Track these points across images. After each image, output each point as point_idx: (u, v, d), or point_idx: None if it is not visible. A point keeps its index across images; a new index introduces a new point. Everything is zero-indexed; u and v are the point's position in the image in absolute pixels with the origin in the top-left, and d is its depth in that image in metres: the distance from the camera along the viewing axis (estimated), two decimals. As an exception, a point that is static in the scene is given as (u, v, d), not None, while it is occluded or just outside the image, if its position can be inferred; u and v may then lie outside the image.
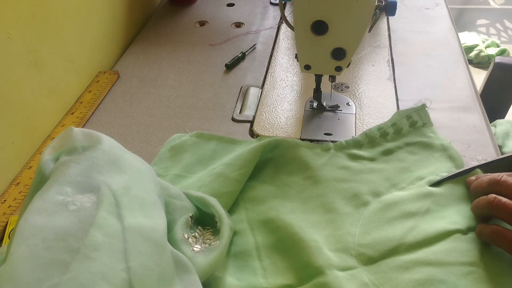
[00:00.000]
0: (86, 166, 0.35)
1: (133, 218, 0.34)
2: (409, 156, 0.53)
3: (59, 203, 0.32)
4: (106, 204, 0.33)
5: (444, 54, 0.74)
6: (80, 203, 0.32)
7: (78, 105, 0.68)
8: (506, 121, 0.84)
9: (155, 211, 0.36)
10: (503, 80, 0.94)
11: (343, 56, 0.53)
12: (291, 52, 0.78)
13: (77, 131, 0.38)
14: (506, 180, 0.40)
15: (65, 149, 0.37)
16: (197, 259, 0.38)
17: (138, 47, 0.83)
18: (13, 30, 0.55)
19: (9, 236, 0.48)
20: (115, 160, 0.37)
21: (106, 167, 0.36)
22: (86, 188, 0.34)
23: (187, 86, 0.72)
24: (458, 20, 2.12)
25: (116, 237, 0.32)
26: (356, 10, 0.48)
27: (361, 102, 0.65)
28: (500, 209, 0.40)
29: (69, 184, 0.34)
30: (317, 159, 0.54)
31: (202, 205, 0.45)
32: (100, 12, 0.77)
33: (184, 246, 0.39)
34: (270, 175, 0.53)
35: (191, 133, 0.60)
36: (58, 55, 0.65)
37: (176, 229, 0.40)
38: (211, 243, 0.41)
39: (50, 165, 0.37)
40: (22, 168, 0.57)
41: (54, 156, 0.37)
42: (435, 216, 0.45)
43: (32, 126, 0.60)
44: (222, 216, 0.43)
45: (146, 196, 0.37)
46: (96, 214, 0.32)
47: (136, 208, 0.35)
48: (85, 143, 0.37)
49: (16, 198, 0.53)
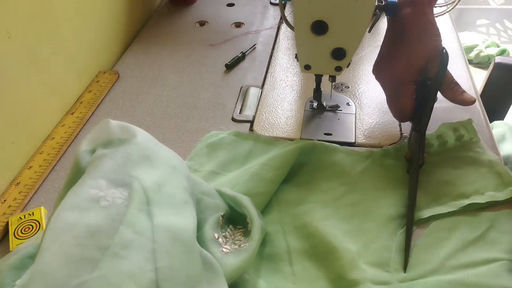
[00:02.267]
0: (121, 161, 0.35)
1: (163, 216, 0.33)
2: (453, 170, 0.50)
3: (92, 198, 0.32)
4: (137, 201, 0.33)
5: (444, 54, 0.74)
6: (112, 198, 0.32)
7: (78, 105, 0.68)
8: (503, 123, 0.83)
9: (186, 209, 0.36)
10: (503, 80, 0.94)
11: (343, 56, 0.53)
12: (291, 52, 0.78)
13: (114, 123, 0.38)
14: None
15: (102, 141, 0.37)
16: (226, 261, 0.37)
17: (138, 47, 0.83)
18: (13, 30, 0.55)
19: (14, 234, 0.48)
20: (149, 155, 0.37)
21: (139, 163, 0.36)
22: (119, 183, 0.34)
23: (187, 86, 0.72)
24: (458, 20, 2.11)
25: (146, 235, 0.32)
26: (356, 10, 0.48)
27: (361, 102, 0.65)
28: None
29: (103, 178, 0.34)
30: (356, 165, 0.52)
31: (235, 204, 0.44)
32: (100, 12, 0.77)
33: (214, 247, 0.39)
34: (305, 179, 0.52)
35: (229, 131, 0.60)
36: (58, 55, 0.65)
37: (206, 228, 0.39)
38: (241, 244, 0.40)
39: (87, 157, 0.37)
40: (22, 168, 0.57)
41: (91, 148, 0.37)
42: (487, 242, 0.43)
43: (32, 126, 0.60)
44: (254, 217, 0.42)
45: (177, 194, 0.36)
46: (127, 211, 0.32)
47: (167, 206, 0.34)
48: (121, 136, 0.37)
49: (16, 198, 0.53)
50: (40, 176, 0.56)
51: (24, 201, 0.53)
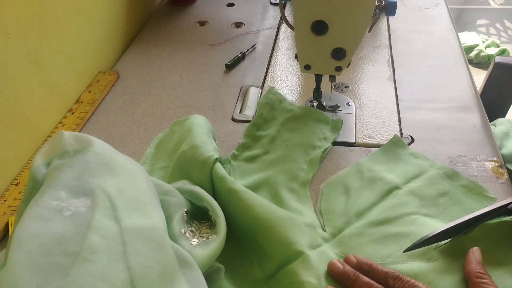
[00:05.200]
0: (79, 170, 0.35)
1: (130, 219, 0.34)
2: (289, 133, 0.57)
3: (54, 208, 0.32)
4: (101, 207, 0.33)
5: (444, 54, 0.74)
6: (75, 207, 0.33)
7: (78, 105, 0.68)
8: (506, 121, 0.83)
9: (151, 210, 0.36)
10: (503, 80, 0.94)
11: (343, 56, 0.53)
12: (291, 52, 0.78)
13: (67, 134, 0.38)
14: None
15: (57, 153, 0.37)
16: (195, 252, 0.38)
17: (138, 47, 0.83)
18: (13, 30, 0.55)
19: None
20: (107, 162, 0.37)
21: (98, 170, 0.36)
22: (80, 192, 0.34)
23: (187, 86, 0.72)
24: (458, 20, 2.11)
25: (114, 239, 0.32)
26: (356, 10, 0.48)
27: (361, 102, 0.65)
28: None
29: (63, 188, 0.34)
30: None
31: (194, 198, 0.45)
32: (100, 12, 0.77)
33: (182, 241, 0.39)
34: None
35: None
36: (58, 55, 0.65)
37: (173, 225, 0.40)
38: (208, 237, 0.41)
39: (43, 170, 0.37)
40: (22, 168, 0.57)
41: (46, 161, 0.37)
42: (375, 182, 0.51)
43: (32, 126, 0.60)
44: (216, 209, 0.43)
45: (140, 196, 0.37)
46: (93, 217, 0.32)
47: (132, 209, 0.35)
48: (76, 147, 0.37)
49: (16, 198, 0.53)
50: (40, 176, 0.56)
51: (24, 201, 0.53)
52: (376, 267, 0.41)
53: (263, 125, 0.59)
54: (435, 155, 0.54)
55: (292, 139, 0.56)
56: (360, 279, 0.40)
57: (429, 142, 0.57)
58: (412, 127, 0.59)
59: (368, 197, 0.49)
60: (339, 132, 0.58)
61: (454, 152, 0.55)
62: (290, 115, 0.60)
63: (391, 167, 0.53)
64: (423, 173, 0.51)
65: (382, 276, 0.40)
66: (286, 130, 0.58)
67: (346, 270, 0.41)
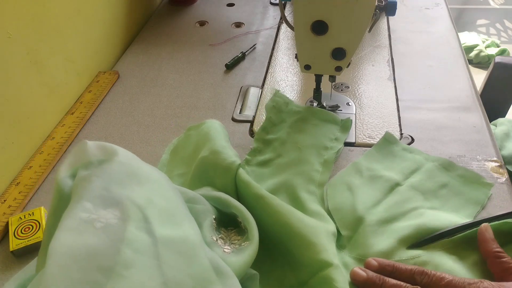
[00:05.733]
0: (105, 180, 0.34)
1: (162, 230, 0.33)
2: (297, 135, 0.57)
3: (85, 220, 0.31)
4: (133, 219, 0.32)
5: (444, 54, 0.74)
6: (106, 219, 0.32)
7: (78, 105, 0.68)
8: (507, 120, 0.83)
9: (182, 219, 0.36)
10: (503, 80, 0.94)
11: (343, 56, 0.53)
12: (291, 52, 0.78)
13: (91, 144, 0.37)
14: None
15: (81, 164, 0.36)
16: (230, 260, 0.37)
17: (138, 47, 0.83)
18: (13, 30, 0.55)
19: (14, 234, 0.48)
20: (133, 171, 0.36)
21: (125, 180, 0.35)
22: (108, 203, 0.33)
23: (187, 86, 0.72)
24: (458, 20, 2.12)
25: (148, 252, 0.31)
26: (356, 10, 0.48)
27: (361, 102, 0.65)
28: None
29: (90, 200, 0.33)
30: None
31: (221, 205, 0.44)
32: (100, 12, 0.77)
33: (215, 249, 0.38)
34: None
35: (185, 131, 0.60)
36: (58, 55, 0.65)
37: (204, 233, 0.39)
38: (241, 243, 0.40)
39: (68, 182, 0.36)
40: (22, 168, 0.57)
41: (71, 172, 0.36)
42: (375, 180, 0.51)
43: (32, 126, 0.60)
44: (246, 215, 0.42)
45: (170, 206, 0.36)
46: (125, 230, 0.31)
47: (163, 220, 0.34)
48: (100, 157, 0.36)
49: (16, 198, 0.53)
50: (40, 176, 0.56)
51: (24, 201, 0.53)
52: (399, 266, 0.41)
53: (272, 128, 0.59)
54: (435, 155, 0.54)
55: (303, 141, 0.56)
56: (386, 282, 0.39)
57: (429, 142, 0.57)
58: (412, 127, 0.59)
59: (372, 195, 0.49)
60: (349, 132, 0.58)
61: (454, 152, 0.55)
62: (298, 117, 0.59)
63: (388, 164, 0.53)
64: (420, 167, 0.52)
65: (407, 274, 0.40)
66: (295, 132, 0.58)
67: (371, 276, 0.40)
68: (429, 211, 0.47)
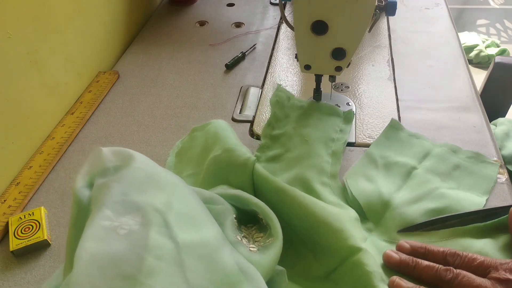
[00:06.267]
0: (124, 186, 0.34)
1: (184, 234, 0.32)
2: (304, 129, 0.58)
3: (108, 228, 0.31)
4: (155, 225, 0.32)
5: (444, 54, 0.74)
6: (128, 226, 0.31)
7: (78, 105, 0.68)
8: (507, 120, 0.83)
9: (203, 222, 0.35)
10: (503, 80, 0.94)
11: (343, 56, 0.53)
12: (291, 52, 0.78)
13: (106, 151, 0.36)
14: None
15: (97, 171, 0.35)
16: (256, 258, 0.37)
17: (138, 47, 0.83)
18: (13, 30, 0.55)
19: (14, 234, 0.48)
20: (151, 176, 0.36)
21: (144, 185, 0.35)
22: (128, 209, 0.33)
23: (187, 86, 0.72)
24: (458, 20, 2.11)
25: (171, 259, 0.31)
26: (356, 10, 0.48)
27: (361, 102, 0.65)
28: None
29: (110, 207, 0.32)
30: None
31: (240, 203, 0.44)
32: (100, 12, 0.77)
33: (240, 248, 0.38)
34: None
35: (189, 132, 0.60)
36: (58, 55, 0.65)
37: (227, 233, 0.39)
38: (265, 241, 0.40)
39: (86, 192, 0.35)
40: (22, 168, 0.57)
41: (88, 181, 0.36)
42: (391, 167, 0.53)
43: (32, 126, 0.60)
44: (267, 211, 0.42)
45: (188, 209, 0.35)
46: (148, 236, 0.31)
47: (184, 224, 0.33)
48: (116, 162, 0.36)
49: (16, 198, 0.53)
50: (40, 176, 0.56)
51: (24, 201, 0.53)
52: (431, 248, 0.41)
53: (278, 123, 0.59)
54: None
55: (310, 135, 0.57)
56: (420, 264, 0.40)
57: (429, 142, 0.57)
58: (412, 127, 0.59)
59: (393, 182, 0.51)
60: (352, 123, 0.59)
61: (454, 152, 0.55)
62: (301, 112, 0.60)
63: (399, 150, 0.55)
64: (430, 152, 0.54)
65: (439, 256, 0.41)
66: (301, 126, 0.58)
67: (404, 259, 0.41)
68: (449, 191, 0.49)
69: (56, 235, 0.49)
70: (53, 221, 0.51)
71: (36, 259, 0.47)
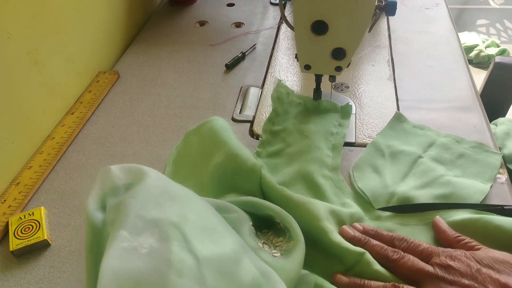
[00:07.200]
0: (138, 204, 0.33)
1: (204, 248, 0.32)
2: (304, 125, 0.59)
3: (128, 249, 0.30)
4: (173, 239, 0.31)
5: (444, 54, 0.74)
6: (148, 244, 0.31)
7: (78, 105, 0.68)
8: (508, 120, 0.83)
9: (219, 233, 0.34)
10: (503, 80, 0.94)
11: (343, 56, 0.53)
12: (291, 52, 0.78)
13: (115, 169, 0.35)
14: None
15: (108, 191, 0.34)
16: (280, 264, 0.36)
17: (138, 47, 0.83)
18: (13, 30, 0.55)
19: (14, 234, 0.48)
20: (165, 190, 0.35)
21: (158, 201, 0.34)
22: (145, 226, 0.32)
23: (187, 86, 0.72)
24: (458, 20, 2.11)
25: (193, 276, 0.30)
26: (356, 10, 0.48)
27: (361, 102, 0.65)
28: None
29: (126, 228, 0.31)
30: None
31: (254, 209, 0.43)
32: (100, 12, 0.77)
33: (263, 254, 0.37)
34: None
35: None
36: (58, 55, 0.65)
37: (247, 241, 0.38)
38: (287, 245, 0.39)
39: (98, 215, 0.34)
40: (22, 168, 0.57)
41: (99, 203, 0.35)
42: (397, 156, 0.54)
43: (32, 126, 0.60)
44: (285, 215, 0.41)
45: (204, 221, 0.35)
46: (171, 251, 0.30)
47: (201, 237, 0.33)
48: (127, 180, 0.35)
49: (16, 198, 0.53)
50: (40, 176, 0.56)
51: (24, 201, 0.53)
52: (381, 232, 0.44)
53: (278, 119, 0.60)
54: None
55: (309, 129, 0.58)
56: (370, 241, 0.43)
57: (429, 142, 0.57)
58: (412, 127, 0.59)
59: (399, 171, 0.52)
60: (350, 117, 0.60)
61: (454, 152, 0.55)
62: (300, 109, 0.61)
63: (404, 140, 0.56)
64: (434, 141, 0.56)
65: (388, 239, 0.43)
66: (300, 122, 0.59)
67: (357, 235, 0.43)
68: (454, 179, 0.50)
69: (56, 235, 0.49)
70: (53, 221, 0.51)
71: (36, 259, 0.47)
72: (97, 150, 0.60)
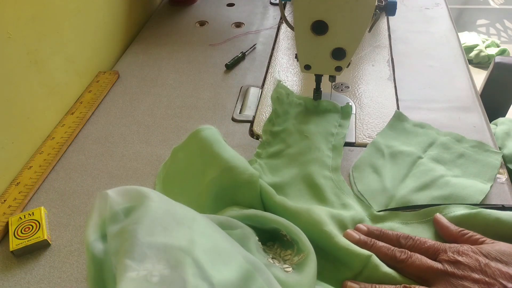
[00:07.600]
0: (142, 229, 0.31)
1: (217, 273, 0.30)
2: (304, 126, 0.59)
3: (137, 279, 0.28)
4: (186, 265, 0.29)
5: (444, 54, 0.74)
6: (158, 271, 0.29)
7: (78, 105, 0.68)
8: (508, 120, 0.83)
9: (229, 254, 0.33)
10: (503, 80, 0.94)
11: (343, 56, 0.53)
12: (291, 52, 0.78)
13: (112, 193, 0.33)
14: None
15: (107, 218, 0.32)
16: (294, 279, 0.35)
17: (138, 47, 0.83)
18: (13, 30, 0.55)
19: (14, 234, 0.48)
20: (169, 212, 0.33)
21: (164, 223, 0.32)
22: (150, 252, 0.30)
23: (187, 86, 0.72)
24: (458, 20, 2.11)
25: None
26: (356, 10, 0.48)
27: (361, 102, 0.65)
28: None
29: (130, 257, 0.29)
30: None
31: (258, 223, 0.42)
32: (100, 12, 0.77)
33: (274, 270, 0.36)
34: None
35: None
36: (58, 55, 0.65)
37: (258, 257, 0.37)
38: (298, 258, 0.38)
39: (99, 246, 0.32)
40: (22, 168, 0.57)
41: (99, 233, 0.33)
42: (397, 156, 0.54)
43: (32, 126, 0.60)
44: (291, 227, 0.40)
45: (213, 243, 0.33)
46: (185, 281, 0.28)
47: (212, 260, 0.31)
48: (126, 204, 0.33)
49: (16, 198, 0.53)
50: (40, 176, 0.56)
51: (24, 201, 0.53)
52: (386, 232, 0.44)
53: (278, 119, 0.60)
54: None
55: (309, 130, 0.57)
56: (376, 243, 0.42)
57: (429, 142, 0.57)
58: (412, 127, 0.59)
59: (398, 172, 0.52)
60: (350, 117, 0.60)
61: (454, 152, 0.55)
62: (300, 109, 0.61)
63: (404, 140, 0.56)
64: (435, 141, 0.56)
65: (393, 238, 0.43)
66: (300, 123, 0.59)
67: (362, 238, 0.43)
68: (453, 179, 0.50)
69: (56, 235, 0.49)
70: (53, 221, 0.51)
71: (36, 259, 0.47)
72: (97, 150, 0.60)
